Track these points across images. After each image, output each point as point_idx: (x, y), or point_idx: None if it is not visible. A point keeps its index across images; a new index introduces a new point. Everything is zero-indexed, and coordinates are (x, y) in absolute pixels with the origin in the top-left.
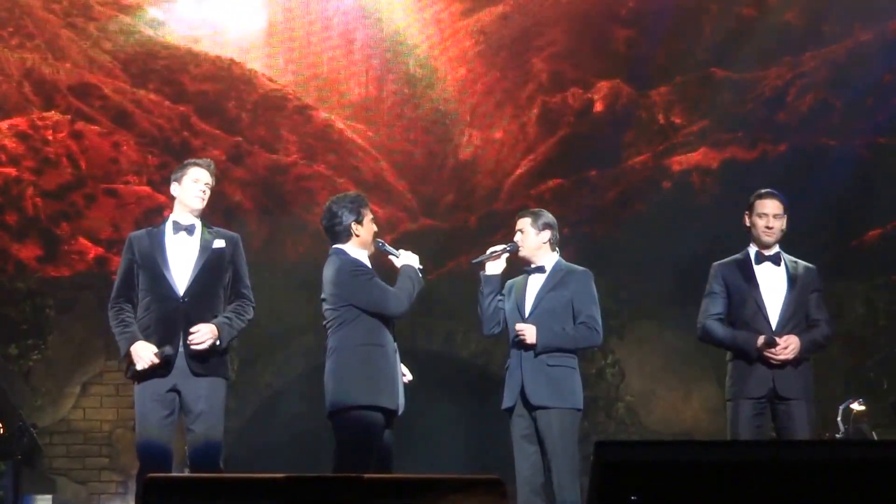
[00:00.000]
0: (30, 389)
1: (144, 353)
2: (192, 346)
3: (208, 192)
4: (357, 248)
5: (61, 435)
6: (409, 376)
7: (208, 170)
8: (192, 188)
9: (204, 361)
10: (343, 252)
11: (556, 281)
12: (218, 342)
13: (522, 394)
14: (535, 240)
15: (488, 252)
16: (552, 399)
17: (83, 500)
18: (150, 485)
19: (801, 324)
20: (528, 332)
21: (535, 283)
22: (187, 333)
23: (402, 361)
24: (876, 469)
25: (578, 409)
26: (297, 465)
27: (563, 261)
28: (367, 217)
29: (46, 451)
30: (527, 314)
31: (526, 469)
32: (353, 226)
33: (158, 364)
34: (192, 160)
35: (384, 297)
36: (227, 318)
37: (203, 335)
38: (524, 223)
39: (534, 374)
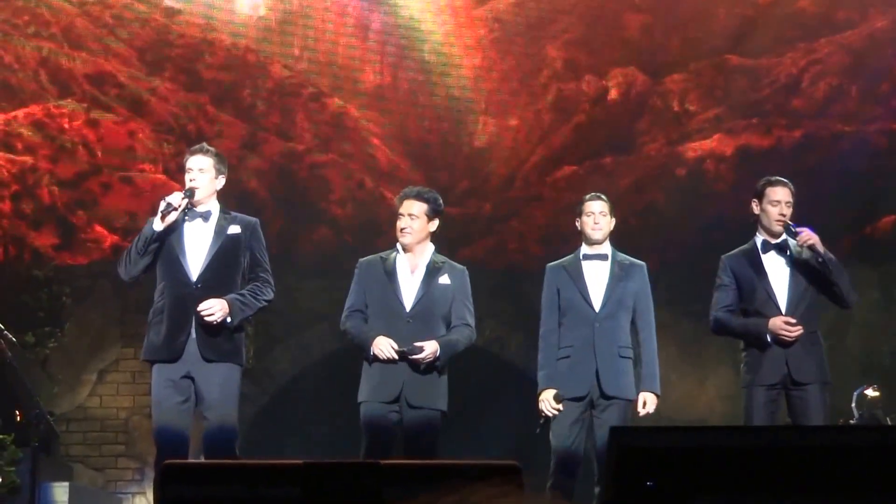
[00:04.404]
0: (47, 377)
1: (162, 205)
2: (203, 317)
3: (201, 177)
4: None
5: (78, 422)
6: (422, 353)
7: (201, 153)
8: (185, 178)
9: (217, 347)
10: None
11: (623, 272)
12: (229, 319)
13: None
14: (609, 225)
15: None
16: (623, 391)
17: (100, 487)
18: (168, 471)
19: (813, 305)
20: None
21: (597, 270)
22: (200, 320)
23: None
24: (891, 454)
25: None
26: (313, 451)
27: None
28: (398, 213)
29: (63, 438)
30: (598, 306)
31: (568, 449)
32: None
33: (174, 208)
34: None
35: (345, 306)
36: (240, 295)
37: (213, 308)
38: (604, 206)
39: (609, 365)
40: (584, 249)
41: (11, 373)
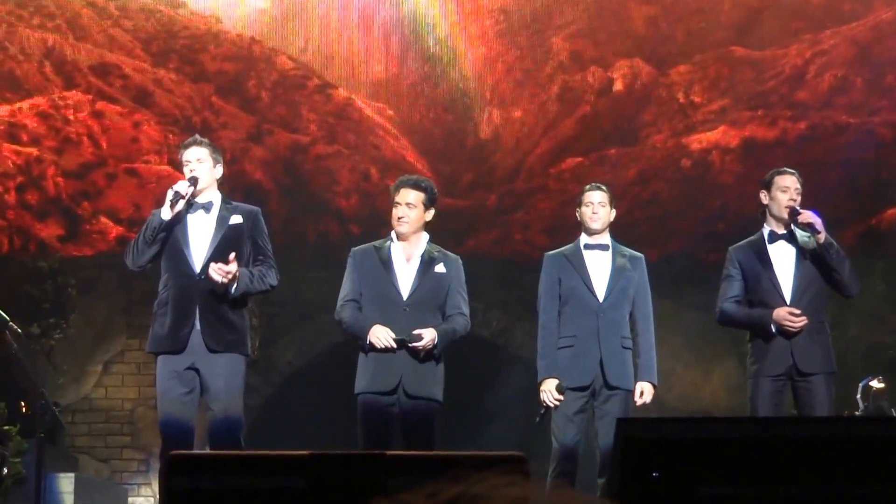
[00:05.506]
0: (52, 368)
1: (170, 194)
2: (210, 272)
3: (200, 167)
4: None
5: (83, 413)
6: (421, 342)
7: (195, 144)
8: (184, 171)
9: (221, 338)
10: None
11: (624, 262)
12: (234, 288)
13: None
14: (609, 216)
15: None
16: (626, 381)
17: (105, 478)
18: (174, 462)
19: (818, 295)
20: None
21: (599, 260)
22: (204, 311)
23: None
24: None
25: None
26: (318, 443)
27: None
28: (394, 202)
29: (69, 429)
30: (602, 296)
31: (572, 439)
32: None
33: (181, 197)
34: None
35: (340, 296)
36: (249, 271)
37: (223, 267)
38: (603, 197)
39: (612, 355)
40: (585, 239)
41: (17, 364)
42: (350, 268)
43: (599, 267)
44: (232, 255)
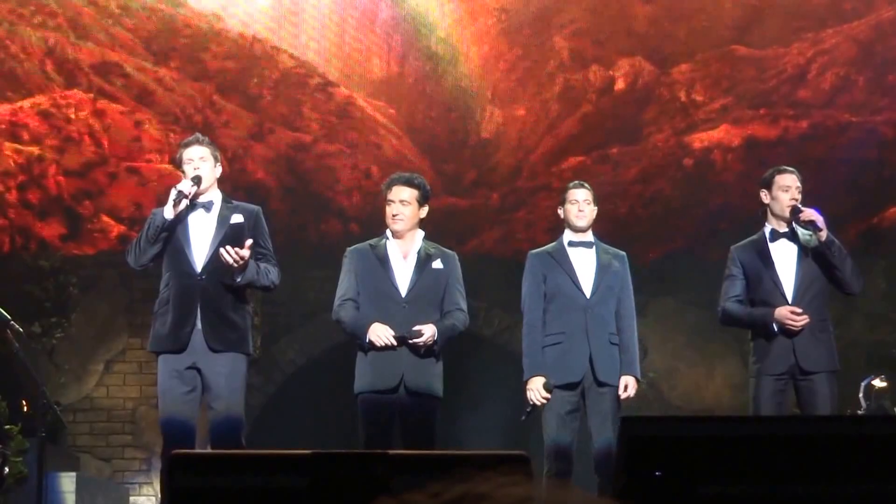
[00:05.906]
0: (53, 367)
1: (173, 193)
2: (221, 251)
3: (204, 165)
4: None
5: (85, 412)
6: (422, 338)
7: (197, 143)
8: (185, 169)
9: (223, 338)
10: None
11: (609, 258)
12: (241, 276)
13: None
14: (592, 214)
15: (530, 406)
16: (614, 377)
17: (107, 478)
18: (176, 461)
19: (820, 294)
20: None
21: (584, 257)
22: (205, 310)
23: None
24: None
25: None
26: (320, 442)
27: None
28: (388, 200)
29: (70, 428)
30: (589, 293)
31: (565, 438)
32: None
33: (185, 196)
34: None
35: (337, 295)
36: (256, 264)
37: (239, 251)
38: (588, 195)
39: (601, 351)
40: (569, 237)
41: (18, 363)
42: (346, 266)
43: (585, 264)
44: (249, 242)
